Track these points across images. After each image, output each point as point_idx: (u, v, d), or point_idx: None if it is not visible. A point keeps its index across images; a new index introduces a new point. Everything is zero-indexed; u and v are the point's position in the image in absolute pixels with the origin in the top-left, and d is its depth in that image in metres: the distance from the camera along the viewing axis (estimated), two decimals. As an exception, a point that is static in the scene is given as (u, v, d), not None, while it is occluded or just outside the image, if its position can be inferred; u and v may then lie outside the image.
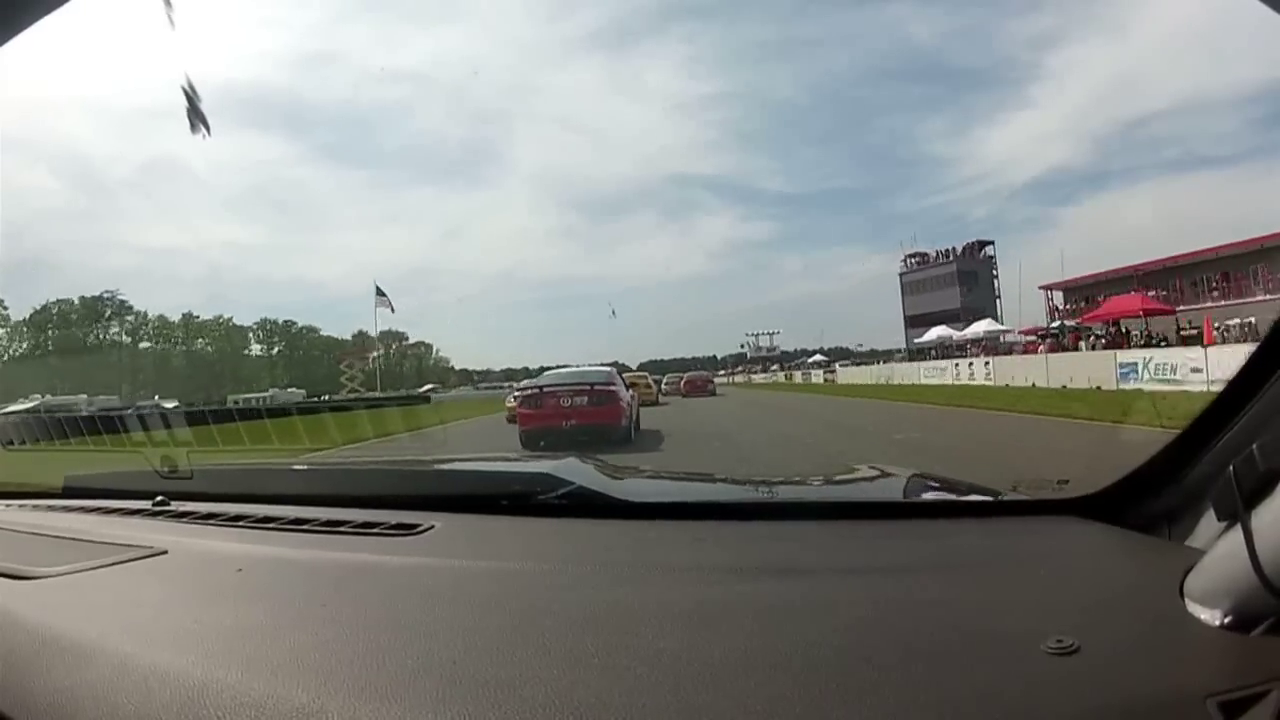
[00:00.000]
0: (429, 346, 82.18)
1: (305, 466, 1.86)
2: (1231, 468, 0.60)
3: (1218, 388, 0.80)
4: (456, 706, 0.58)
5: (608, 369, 11.89)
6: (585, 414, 9.35)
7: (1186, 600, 0.65)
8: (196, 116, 1.44)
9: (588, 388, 9.75)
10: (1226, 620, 0.60)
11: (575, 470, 1.34)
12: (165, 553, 1.07)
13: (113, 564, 1.03)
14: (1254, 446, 0.59)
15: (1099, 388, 14.84)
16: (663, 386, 24.80)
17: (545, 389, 9.91)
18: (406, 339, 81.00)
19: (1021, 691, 0.57)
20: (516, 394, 14.47)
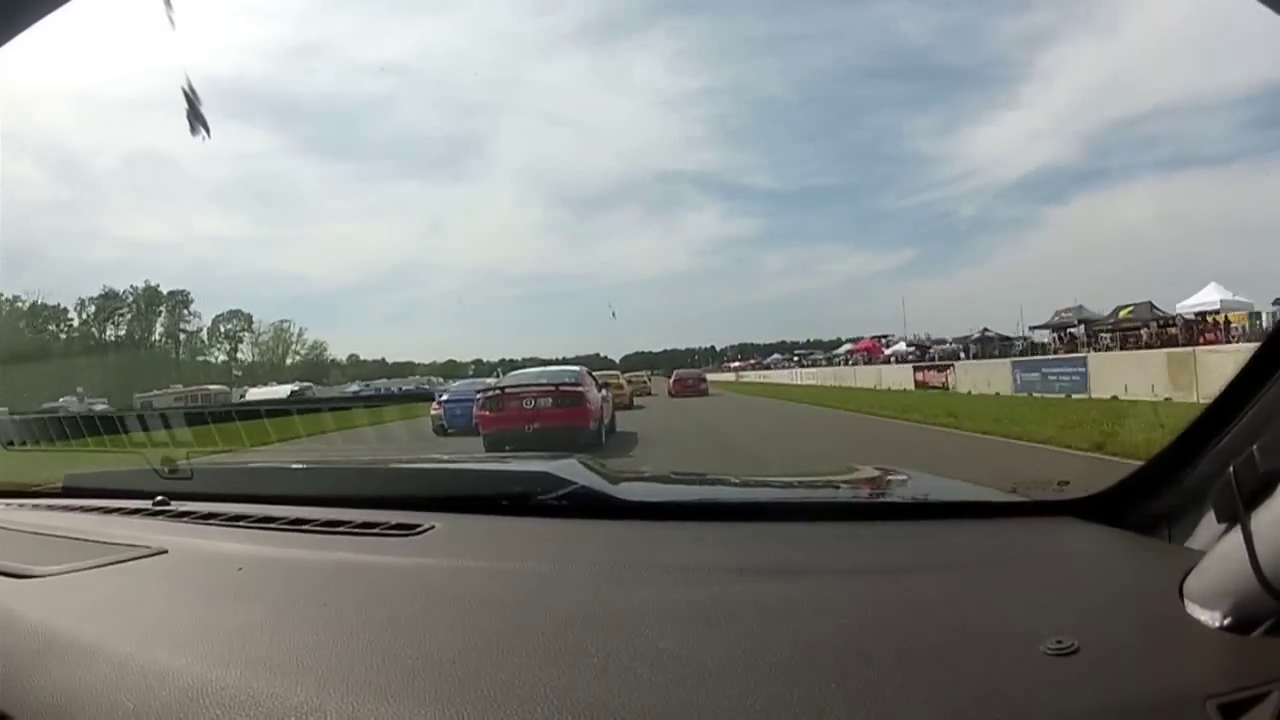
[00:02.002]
0: (247, 318, 58.09)
1: (305, 466, 1.86)
2: (1231, 469, 0.60)
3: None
4: (456, 706, 0.58)
5: (576, 368, 11.26)
6: (550, 416, 8.80)
7: (1186, 601, 0.65)
8: (196, 118, 1.44)
9: (552, 388, 9.21)
10: (1226, 622, 0.60)
11: (575, 471, 1.34)
12: (165, 552, 1.07)
13: (113, 563, 1.03)
14: (1254, 448, 0.59)
15: None
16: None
17: (507, 390, 9.36)
18: (187, 301, 54.92)
19: (1021, 692, 0.57)
20: (445, 397, 12.95)
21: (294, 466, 1.86)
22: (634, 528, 1.13)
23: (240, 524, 1.22)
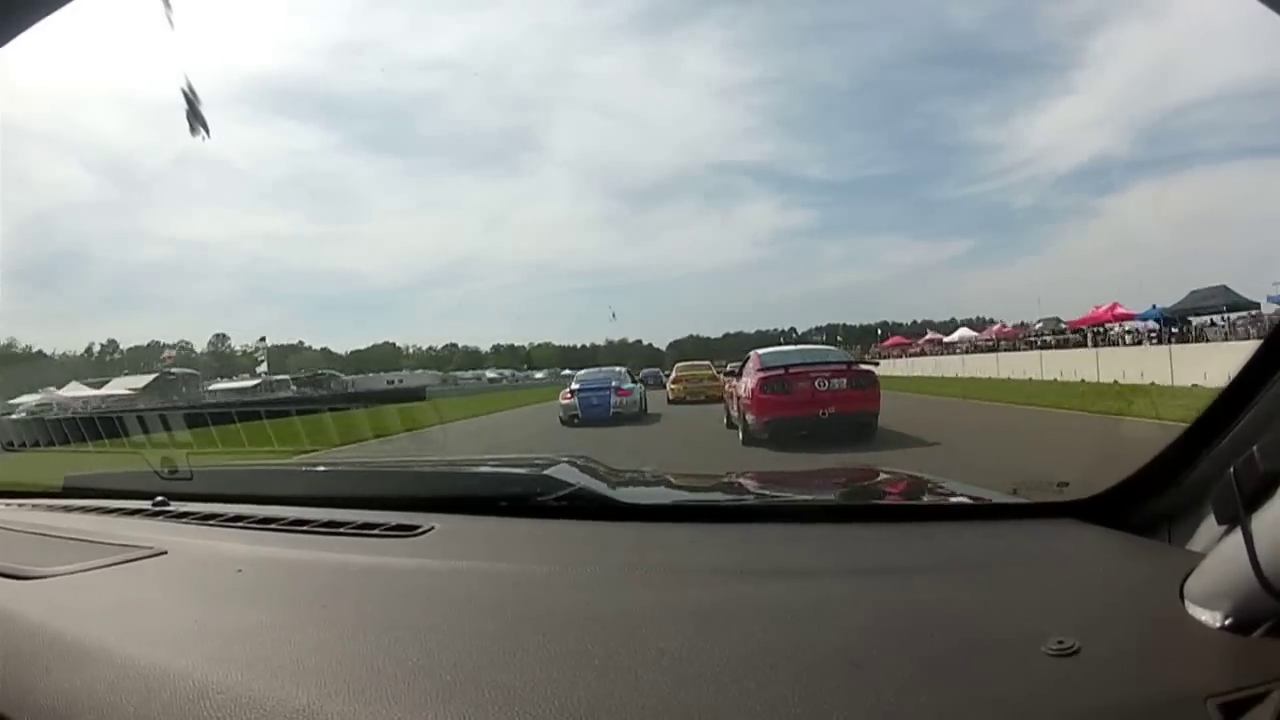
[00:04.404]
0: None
1: (305, 468, 1.86)
2: (1232, 470, 0.60)
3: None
4: (456, 708, 0.58)
5: (830, 347, 10.47)
6: (846, 399, 7.66)
7: (1187, 602, 0.65)
8: (195, 118, 1.44)
9: (844, 368, 8.04)
10: (1227, 622, 0.60)
11: (574, 472, 1.34)
12: (165, 553, 1.07)
13: (113, 564, 1.03)
14: (1254, 448, 0.59)
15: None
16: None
17: (792, 370, 7.95)
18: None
19: (1022, 693, 0.57)
20: (578, 386, 12.41)
21: (294, 468, 1.87)
22: (633, 529, 1.13)
23: (240, 525, 1.22)
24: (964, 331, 31.53)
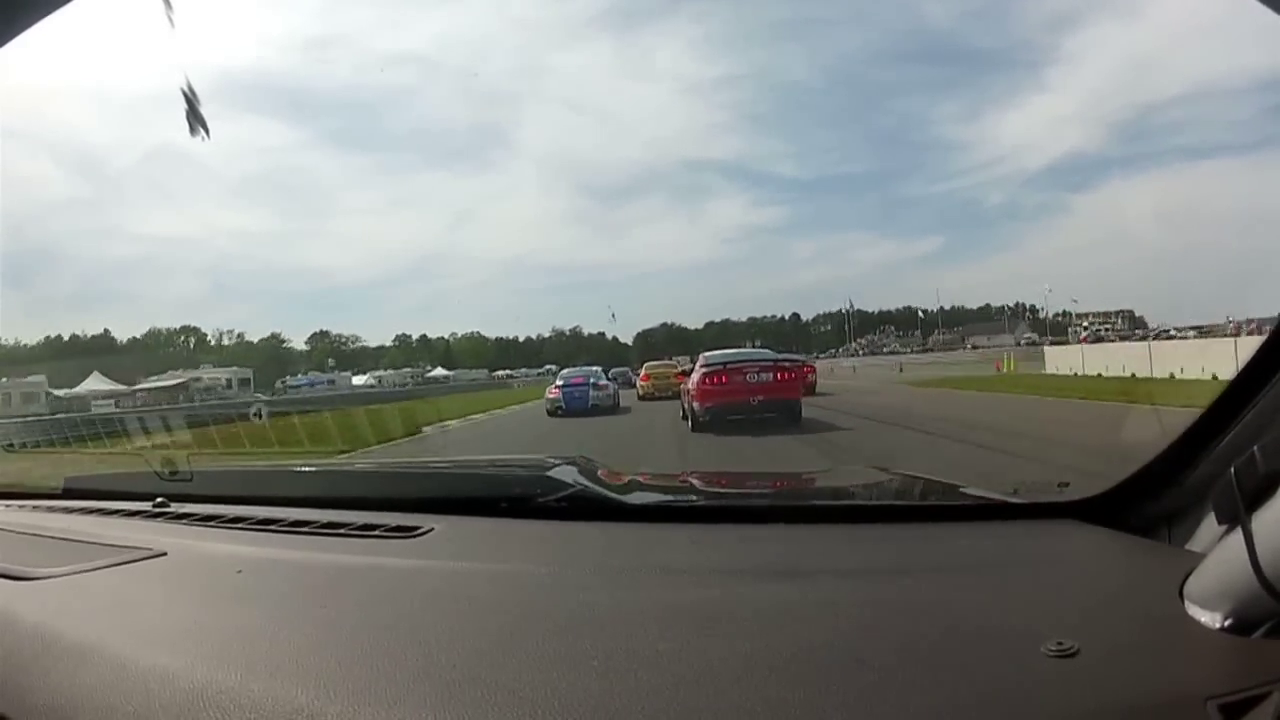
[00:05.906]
0: None
1: (305, 469, 1.86)
2: (1232, 470, 0.60)
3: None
4: (456, 709, 0.58)
5: (765, 349, 12.10)
6: (773, 389, 9.35)
7: (1187, 603, 0.65)
8: (195, 119, 1.44)
9: (772, 364, 9.83)
10: (1227, 623, 0.60)
11: (574, 473, 1.34)
12: (165, 554, 1.07)
13: (112, 565, 1.03)
14: (1255, 448, 0.59)
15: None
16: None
17: (729, 365, 9.73)
18: None
19: (1021, 694, 0.57)
20: (562, 383, 13.74)
21: (294, 469, 1.87)
22: (633, 530, 1.13)
23: (240, 526, 1.22)
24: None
